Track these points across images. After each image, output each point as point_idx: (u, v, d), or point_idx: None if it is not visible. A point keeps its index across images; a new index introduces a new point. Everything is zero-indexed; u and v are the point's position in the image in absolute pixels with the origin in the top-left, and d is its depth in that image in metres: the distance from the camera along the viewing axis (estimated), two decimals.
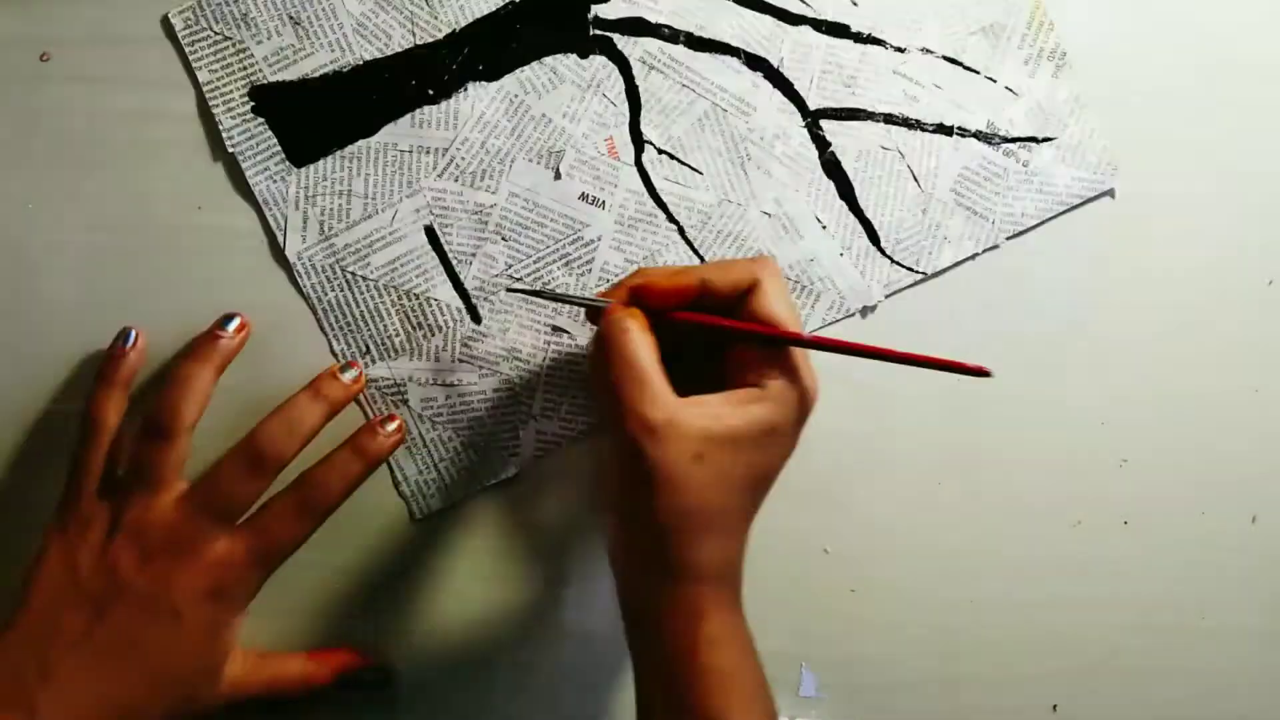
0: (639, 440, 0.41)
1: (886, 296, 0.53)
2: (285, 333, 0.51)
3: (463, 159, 0.51)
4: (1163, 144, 0.54)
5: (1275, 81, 0.54)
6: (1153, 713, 0.53)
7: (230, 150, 0.50)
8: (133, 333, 0.49)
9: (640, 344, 0.42)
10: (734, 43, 0.52)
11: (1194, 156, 0.54)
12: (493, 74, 0.51)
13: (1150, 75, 0.54)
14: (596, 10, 0.52)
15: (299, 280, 0.51)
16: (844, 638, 0.53)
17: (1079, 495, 0.53)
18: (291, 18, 0.51)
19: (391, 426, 0.49)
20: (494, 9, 0.51)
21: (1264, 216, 0.54)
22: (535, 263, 0.52)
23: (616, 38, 0.52)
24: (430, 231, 0.51)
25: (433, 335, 0.51)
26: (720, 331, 0.44)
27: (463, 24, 0.51)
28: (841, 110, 0.52)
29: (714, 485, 0.42)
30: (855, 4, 0.52)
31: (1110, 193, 0.53)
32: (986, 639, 0.53)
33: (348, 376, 0.50)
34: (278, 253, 0.51)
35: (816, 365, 0.45)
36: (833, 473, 0.53)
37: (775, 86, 0.52)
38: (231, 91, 0.51)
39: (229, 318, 0.49)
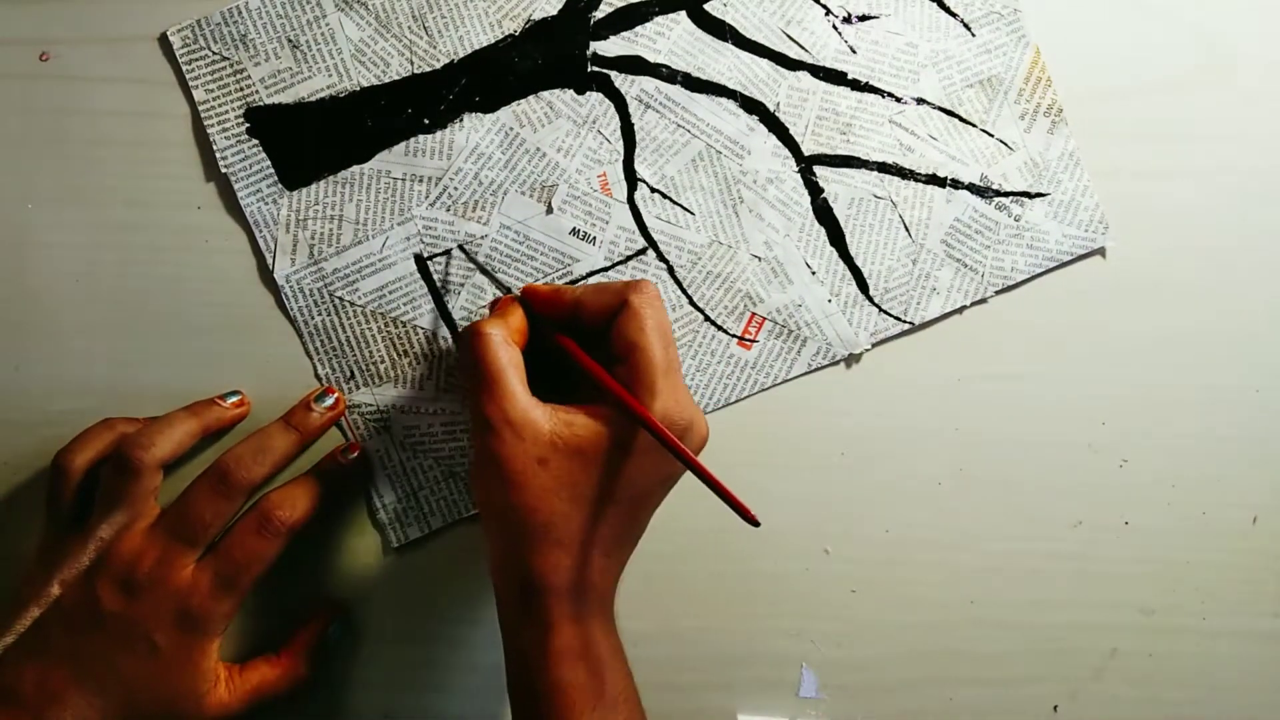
0: (483, 436, 0.42)
1: (873, 345, 0.53)
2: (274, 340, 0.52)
3: (455, 189, 0.51)
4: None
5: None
6: (1153, 712, 0.53)
7: (223, 170, 0.51)
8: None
9: (495, 348, 0.43)
10: (731, 85, 0.52)
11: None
12: (489, 105, 0.51)
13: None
14: (595, 47, 0.52)
15: (286, 302, 0.51)
16: (844, 638, 0.53)
17: (1079, 495, 0.54)
18: (290, 41, 0.51)
19: (352, 456, 0.50)
20: (493, 41, 0.51)
21: (1265, 220, 0.54)
22: None
23: (614, 75, 0.52)
24: (420, 260, 0.51)
25: (418, 363, 0.51)
26: (584, 368, 0.43)
27: (461, 55, 0.51)
28: (835, 157, 0.52)
29: (557, 492, 0.42)
30: (854, 51, 0.52)
31: (1101, 251, 0.53)
32: (986, 639, 0.53)
33: (323, 405, 0.50)
34: (266, 273, 0.51)
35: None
36: (833, 473, 0.53)
37: (770, 130, 0.52)
38: (227, 112, 0.51)
39: (232, 393, 0.50)
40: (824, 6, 0.52)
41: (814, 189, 0.52)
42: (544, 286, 0.46)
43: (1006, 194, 0.53)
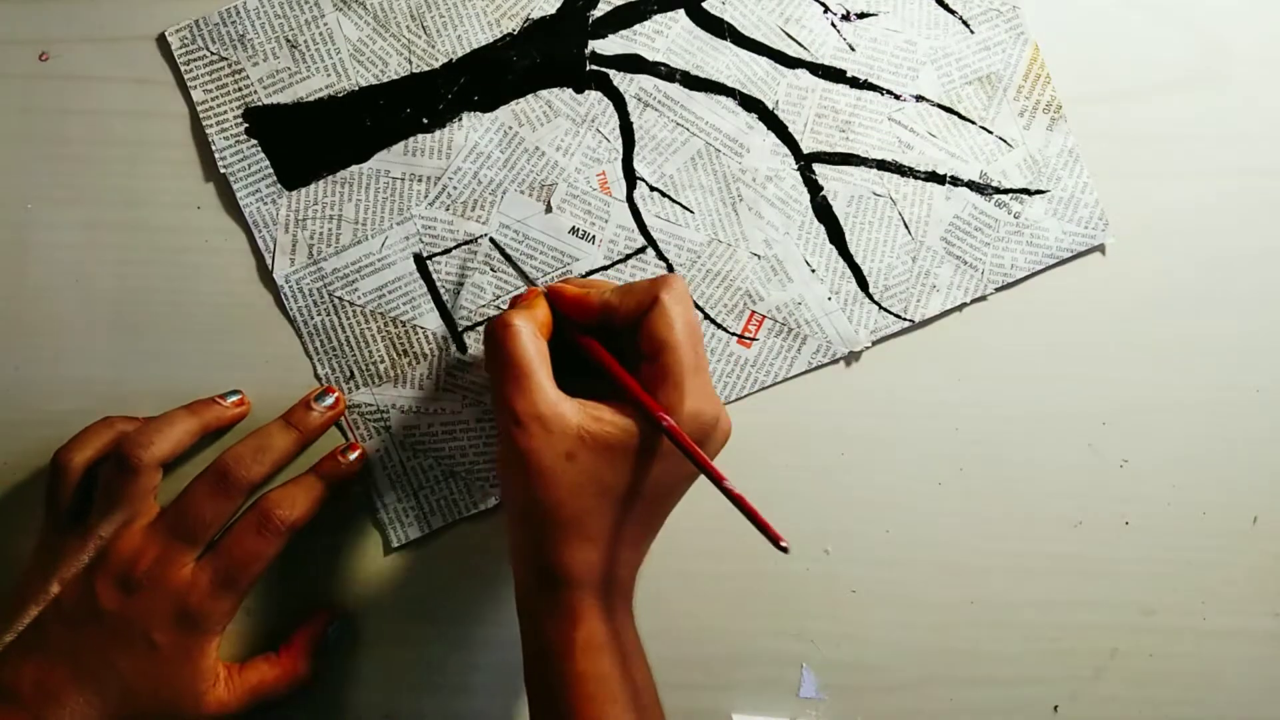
0: (510, 431, 0.42)
1: (873, 343, 0.53)
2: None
3: (454, 188, 0.51)
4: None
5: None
6: (1153, 713, 0.53)
7: (222, 170, 0.51)
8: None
9: (523, 342, 0.42)
10: (730, 83, 0.52)
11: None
12: (488, 105, 0.51)
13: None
14: (594, 46, 0.52)
15: (286, 302, 0.51)
16: (844, 638, 0.53)
17: (1079, 495, 0.53)
18: (288, 40, 0.51)
19: (353, 456, 0.50)
20: (491, 40, 0.51)
21: (1265, 220, 0.54)
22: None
23: (613, 74, 0.52)
24: (419, 259, 0.51)
25: (417, 363, 0.51)
26: (611, 374, 0.43)
27: (460, 54, 0.51)
28: (835, 155, 0.52)
29: (584, 488, 0.42)
30: (852, 49, 0.52)
31: (1101, 248, 0.53)
32: (987, 639, 0.53)
33: (323, 404, 0.50)
34: (266, 273, 0.51)
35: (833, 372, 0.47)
36: (833, 473, 0.53)
37: (769, 128, 0.52)
38: (225, 112, 0.51)
39: (232, 393, 0.50)
40: (822, 4, 0.52)
41: (813, 187, 0.52)
42: (570, 289, 0.46)
43: (1006, 191, 0.53)
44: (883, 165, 0.52)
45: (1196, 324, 0.54)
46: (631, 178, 0.52)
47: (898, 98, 0.53)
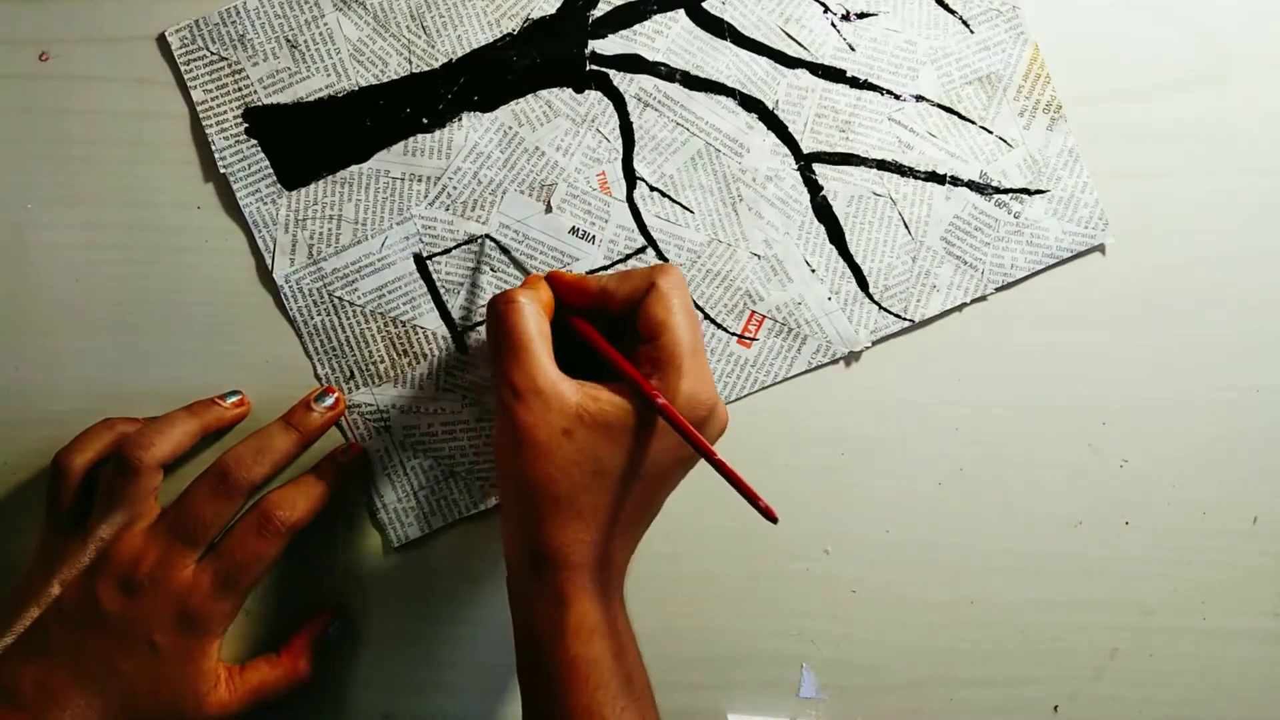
0: (509, 405, 0.42)
1: (873, 343, 0.53)
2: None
3: (454, 188, 0.51)
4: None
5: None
6: (1153, 713, 0.53)
7: (222, 170, 0.51)
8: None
9: (527, 317, 0.43)
10: (730, 83, 0.52)
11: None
12: (488, 104, 0.51)
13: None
14: (594, 46, 0.52)
15: (286, 303, 0.51)
16: (844, 638, 0.53)
17: (1079, 495, 0.54)
18: (288, 41, 0.51)
19: (353, 456, 0.50)
20: (491, 40, 0.51)
21: (1265, 220, 0.54)
22: None
23: (612, 74, 0.52)
24: (419, 259, 0.51)
25: (417, 363, 0.51)
26: (603, 355, 0.44)
27: (459, 54, 0.51)
28: (835, 154, 0.52)
29: (580, 464, 0.42)
30: (852, 49, 0.52)
31: (1101, 248, 0.53)
32: (987, 639, 0.53)
33: (323, 405, 0.50)
34: (266, 273, 0.51)
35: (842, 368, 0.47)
36: (833, 473, 0.53)
37: (769, 128, 0.52)
38: (225, 112, 0.51)
39: (232, 393, 0.50)
40: (822, 4, 0.52)
41: (813, 187, 0.52)
42: (569, 274, 0.47)
43: (1006, 191, 0.53)
44: (883, 165, 0.52)
45: (1196, 324, 0.54)
46: (631, 178, 0.52)
47: (898, 98, 0.53)
